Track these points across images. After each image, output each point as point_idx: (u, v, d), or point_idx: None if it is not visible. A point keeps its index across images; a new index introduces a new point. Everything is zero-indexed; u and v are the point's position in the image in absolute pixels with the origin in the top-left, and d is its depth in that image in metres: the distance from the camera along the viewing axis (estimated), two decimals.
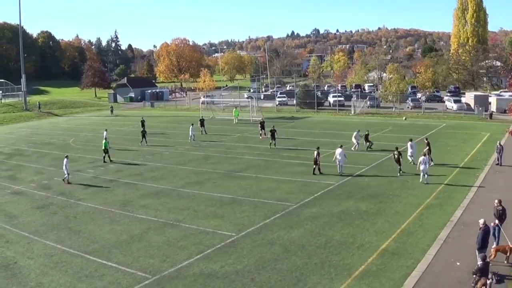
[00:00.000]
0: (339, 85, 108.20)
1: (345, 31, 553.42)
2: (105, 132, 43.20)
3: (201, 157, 37.29)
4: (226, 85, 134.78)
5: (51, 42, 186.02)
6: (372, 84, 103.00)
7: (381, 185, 26.79)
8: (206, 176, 30.63)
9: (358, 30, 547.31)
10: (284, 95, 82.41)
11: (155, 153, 39.58)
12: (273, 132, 39.52)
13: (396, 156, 29.28)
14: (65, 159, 30.67)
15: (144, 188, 28.31)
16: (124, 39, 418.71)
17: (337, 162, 29.79)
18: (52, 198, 26.98)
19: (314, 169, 29.85)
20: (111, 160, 36.67)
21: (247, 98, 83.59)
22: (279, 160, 34.50)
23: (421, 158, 27.17)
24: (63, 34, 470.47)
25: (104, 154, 36.94)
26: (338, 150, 29.85)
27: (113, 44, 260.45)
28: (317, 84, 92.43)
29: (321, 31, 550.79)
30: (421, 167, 26.78)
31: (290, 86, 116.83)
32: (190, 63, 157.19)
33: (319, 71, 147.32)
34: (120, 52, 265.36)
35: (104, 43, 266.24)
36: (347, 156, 30.83)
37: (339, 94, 76.12)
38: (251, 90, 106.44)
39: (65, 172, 30.27)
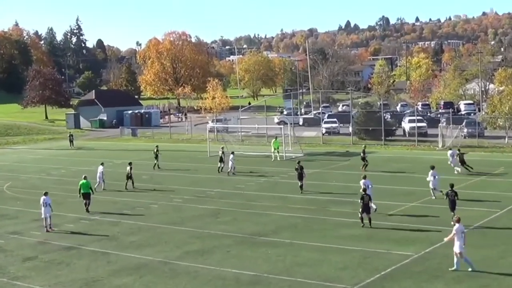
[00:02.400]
0: (419, 103, 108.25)
1: (430, 20, 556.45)
2: (100, 167, 46.36)
3: (208, 212, 37.43)
4: (249, 103, 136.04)
5: None
6: (471, 102, 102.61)
7: (488, 259, 26.42)
8: (215, 241, 30.72)
9: (449, 18, 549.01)
10: (335, 119, 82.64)
11: (138, 206, 39.89)
12: (300, 170, 42.06)
13: None
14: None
15: (120, 260, 28.49)
16: (91, 32, 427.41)
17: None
18: None
19: (362, 218, 31.66)
20: (87, 210, 38.49)
21: (278, 123, 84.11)
22: (327, 219, 34.39)
23: None
24: None
25: (85, 201, 38.79)
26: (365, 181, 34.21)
27: (74, 39, 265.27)
28: (385, 102, 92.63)
29: (392, 21, 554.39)
30: None
31: (343, 105, 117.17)
32: (192, 70, 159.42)
33: (388, 82, 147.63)
34: (85, 51, 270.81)
35: (59, 37, 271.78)
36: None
37: (419, 117, 76.10)
38: (284, 112, 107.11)
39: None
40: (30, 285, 25.60)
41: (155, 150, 57.34)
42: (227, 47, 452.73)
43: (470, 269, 24.79)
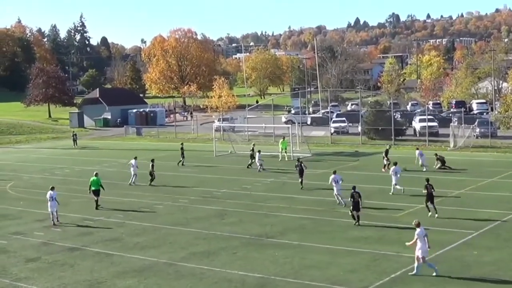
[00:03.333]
0: (430, 102, 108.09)
1: (441, 17, 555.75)
2: (133, 161, 48.16)
3: (214, 213, 37.50)
4: (257, 102, 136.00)
5: None
6: (484, 101, 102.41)
7: (501, 262, 26.39)
8: (221, 243, 30.78)
9: (461, 15, 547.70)
10: (344, 119, 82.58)
11: (143, 207, 39.99)
12: (300, 166, 44.07)
13: None
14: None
15: (124, 261, 28.58)
16: (95, 29, 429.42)
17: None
18: None
19: (354, 217, 32.89)
20: (97, 207, 39.41)
21: (286, 122, 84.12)
22: (335, 220, 34.42)
23: None
24: None
25: (95, 198, 39.53)
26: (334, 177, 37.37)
27: (78, 36, 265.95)
28: (395, 101, 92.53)
29: (402, 18, 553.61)
30: None
31: (352, 104, 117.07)
32: (198, 68, 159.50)
33: (399, 81, 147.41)
34: (88, 49, 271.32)
35: (63, 34, 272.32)
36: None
37: (430, 116, 75.97)
38: (292, 111, 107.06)
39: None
40: (33, 287, 25.68)
41: (180, 147, 58.56)
42: (233, 44, 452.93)
43: (434, 274, 24.86)
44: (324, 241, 30.20)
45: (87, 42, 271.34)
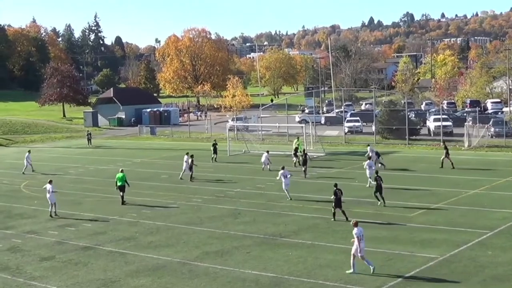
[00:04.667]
0: (445, 101, 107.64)
1: (456, 16, 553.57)
2: (186, 157, 50.08)
3: (227, 212, 37.55)
4: (272, 100, 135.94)
5: None
6: (498, 100, 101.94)
7: None
8: (234, 242, 30.80)
9: (476, 14, 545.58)
10: (358, 118, 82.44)
11: (156, 206, 40.08)
12: (305, 157, 47.56)
13: None
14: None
15: (138, 260, 28.65)
16: (110, 29, 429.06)
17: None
18: None
19: (334, 214, 33.73)
20: (123, 202, 40.32)
21: (300, 122, 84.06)
22: (349, 220, 34.28)
23: None
24: (11, 17, 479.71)
25: (121, 193, 40.48)
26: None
27: (92, 36, 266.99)
28: (409, 101, 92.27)
29: (417, 17, 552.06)
30: None
31: (366, 103, 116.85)
32: (212, 68, 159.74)
33: (413, 80, 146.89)
34: (103, 48, 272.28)
35: (77, 34, 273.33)
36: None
37: (444, 116, 75.72)
38: (306, 111, 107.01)
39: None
40: (47, 286, 25.80)
41: (213, 144, 59.80)
42: (247, 44, 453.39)
43: (372, 272, 25.18)
44: (337, 241, 30.16)
45: (101, 42, 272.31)
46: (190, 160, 49.32)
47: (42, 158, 68.83)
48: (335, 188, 33.89)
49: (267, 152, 53.83)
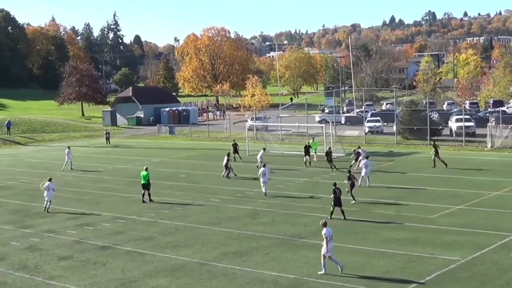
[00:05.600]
0: (467, 101, 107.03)
1: (479, 14, 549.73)
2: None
3: (246, 213, 37.58)
4: (291, 100, 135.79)
5: (10, 28, 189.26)
6: None
7: None
8: (253, 243, 30.82)
9: (499, 13, 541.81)
10: (378, 118, 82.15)
11: (175, 206, 40.19)
12: (329, 154, 50.62)
13: None
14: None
15: (156, 260, 28.76)
16: (129, 28, 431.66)
17: None
18: (7, 276, 27.65)
19: (332, 212, 34.43)
20: (151, 200, 40.90)
21: (320, 122, 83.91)
22: (369, 222, 34.25)
23: None
24: (31, 15, 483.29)
25: (143, 191, 41.09)
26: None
27: (111, 35, 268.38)
28: (430, 101, 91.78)
29: (439, 16, 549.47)
30: None
31: (387, 103, 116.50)
32: (231, 67, 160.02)
33: (435, 80, 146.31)
34: (122, 47, 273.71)
35: (96, 33, 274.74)
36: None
37: (467, 116, 75.25)
38: (326, 110, 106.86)
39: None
40: (66, 285, 25.97)
41: (233, 144, 60.33)
42: (267, 43, 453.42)
43: (341, 272, 25.45)
44: (357, 242, 30.10)
45: (120, 41, 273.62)
46: (226, 159, 50.05)
47: (60, 157, 69.20)
48: (334, 187, 34.43)
49: (264, 149, 54.71)
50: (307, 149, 55.00)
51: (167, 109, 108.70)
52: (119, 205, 41.04)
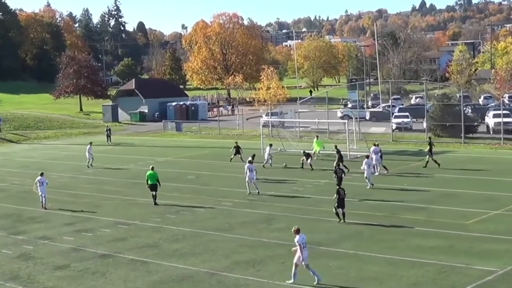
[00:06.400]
0: (506, 95, 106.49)
1: None
2: (268, 148, 54.53)
3: (260, 218, 37.53)
4: (311, 93, 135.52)
5: (0, 14, 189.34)
6: None
7: None
8: (268, 251, 30.78)
9: None
10: (407, 113, 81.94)
11: (182, 211, 40.20)
12: (339, 154, 50.15)
13: None
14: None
15: (161, 270, 28.76)
16: (132, 14, 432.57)
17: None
18: None
19: (339, 215, 34.93)
20: (155, 203, 41.15)
21: (342, 118, 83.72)
22: (397, 227, 34.18)
23: None
24: (24, 0, 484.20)
25: (152, 193, 41.47)
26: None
27: (112, 22, 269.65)
28: (465, 94, 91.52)
29: (475, 0, 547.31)
30: None
31: (417, 97, 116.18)
32: (244, 57, 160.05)
33: (470, 71, 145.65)
34: (124, 35, 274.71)
35: (96, 19, 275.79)
36: None
37: (506, 111, 74.88)
38: (349, 105, 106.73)
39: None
40: None
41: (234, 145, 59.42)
42: (284, 30, 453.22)
43: (315, 282, 25.47)
44: (383, 251, 29.98)
45: (122, 28, 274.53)
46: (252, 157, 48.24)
47: (56, 156, 69.57)
48: (338, 187, 35.11)
49: (270, 145, 55.87)
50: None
51: (173, 103, 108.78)
52: (121, 209, 41.09)
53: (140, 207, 41.25)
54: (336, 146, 53.19)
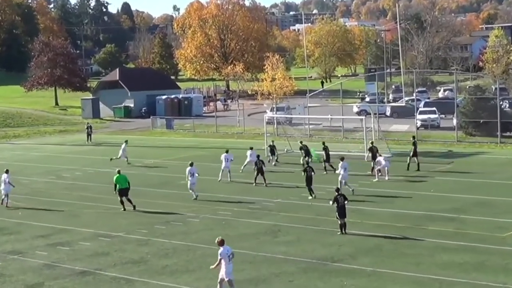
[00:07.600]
0: None
1: None
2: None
3: (265, 229, 37.58)
4: (322, 85, 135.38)
5: None
6: None
7: None
8: (273, 268, 30.80)
9: None
10: (434, 109, 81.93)
11: (173, 221, 40.22)
12: (326, 149, 52.32)
13: None
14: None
15: None
16: None
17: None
18: None
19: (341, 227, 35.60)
20: (134, 207, 41.88)
21: (359, 113, 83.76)
22: (422, 240, 34.21)
23: None
24: None
25: (119, 198, 41.69)
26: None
27: (93, 2, 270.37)
28: (502, 86, 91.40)
29: None
30: None
31: (445, 90, 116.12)
32: (245, 43, 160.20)
33: (507, 59, 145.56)
34: (106, 18, 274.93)
35: (74, 0, 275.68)
36: None
37: None
38: (367, 99, 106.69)
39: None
40: None
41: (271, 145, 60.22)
42: (291, 12, 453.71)
43: None
44: (406, 267, 30.00)
45: (104, 10, 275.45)
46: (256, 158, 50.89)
47: (28, 158, 69.52)
48: (336, 194, 35.36)
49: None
50: (307, 150, 56.41)
51: (163, 97, 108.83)
52: (103, 219, 41.10)
53: (124, 216, 41.26)
54: (324, 143, 55.03)
